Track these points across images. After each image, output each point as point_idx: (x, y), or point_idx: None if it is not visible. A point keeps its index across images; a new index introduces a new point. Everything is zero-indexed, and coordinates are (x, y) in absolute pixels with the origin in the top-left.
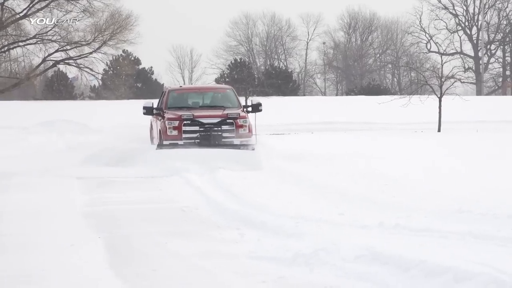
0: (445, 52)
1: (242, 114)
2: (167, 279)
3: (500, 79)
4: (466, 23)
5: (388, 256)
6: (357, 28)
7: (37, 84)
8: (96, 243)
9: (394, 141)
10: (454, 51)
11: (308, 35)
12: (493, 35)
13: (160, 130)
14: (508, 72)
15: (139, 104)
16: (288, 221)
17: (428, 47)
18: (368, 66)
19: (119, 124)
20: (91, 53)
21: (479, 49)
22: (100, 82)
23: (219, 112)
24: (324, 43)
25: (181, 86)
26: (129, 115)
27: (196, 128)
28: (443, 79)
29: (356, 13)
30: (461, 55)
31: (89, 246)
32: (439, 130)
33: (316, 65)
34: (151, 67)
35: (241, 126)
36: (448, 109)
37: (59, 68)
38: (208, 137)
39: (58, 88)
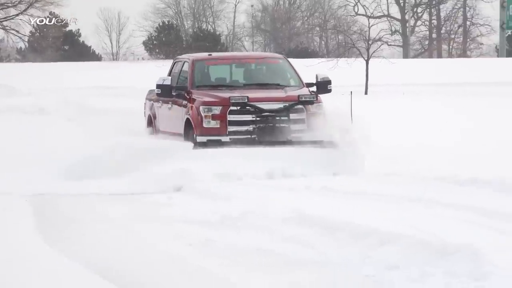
0: (372, 15)
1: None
2: (96, 242)
3: (427, 42)
4: None
5: (316, 218)
6: None
7: None
8: (22, 207)
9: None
10: (381, 14)
11: None
12: None
13: (189, 119)
14: (434, 35)
15: (66, 66)
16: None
17: (356, 10)
18: (296, 29)
19: (48, 88)
20: (17, 15)
21: (406, 12)
22: (27, 45)
23: (280, 93)
24: (252, 6)
25: (210, 55)
26: (57, 78)
27: (250, 117)
28: (370, 42)
29: None
30: (388, 18)
31: (15, 209)
32: (366, 93)
33: (244, 28)
34: (79, 29)
35: (314, 115)
36: (375, 72)
37: None
38: (271, 131)
39: None
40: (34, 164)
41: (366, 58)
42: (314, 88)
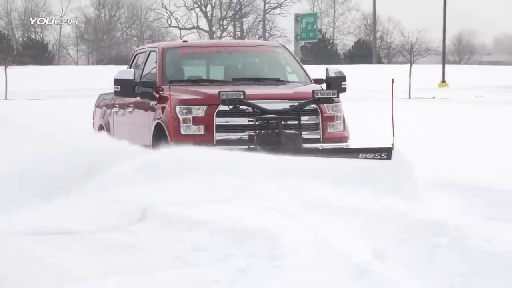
0: (183, 26)
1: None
2: None
3: None
4: (202, 1)
5: (132, 206)
6: (106, 5)
7: None
8: None
9: None
10: (191, 26)
11: (62, 10)
12: (225, 12)
13: (161, 125)
14: None
15: None
16: None
17: (169, 22)
18: (116, 39)
19: None
20: None
21: (213, 24)
22: None
23: (286, 89)
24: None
25: (185, 41)
26: None
27: (246, 120)
28: None
29: None
30: (198, 30)
31: None
32: None
33: (69, 37)
34: None
35: (331, 118)
36: None
37: None
38: (277, 138)
39: None
40: None
41: None
42: (324, 86)
